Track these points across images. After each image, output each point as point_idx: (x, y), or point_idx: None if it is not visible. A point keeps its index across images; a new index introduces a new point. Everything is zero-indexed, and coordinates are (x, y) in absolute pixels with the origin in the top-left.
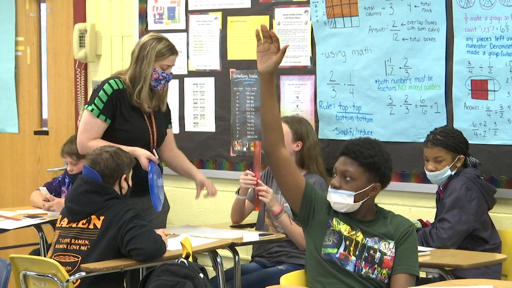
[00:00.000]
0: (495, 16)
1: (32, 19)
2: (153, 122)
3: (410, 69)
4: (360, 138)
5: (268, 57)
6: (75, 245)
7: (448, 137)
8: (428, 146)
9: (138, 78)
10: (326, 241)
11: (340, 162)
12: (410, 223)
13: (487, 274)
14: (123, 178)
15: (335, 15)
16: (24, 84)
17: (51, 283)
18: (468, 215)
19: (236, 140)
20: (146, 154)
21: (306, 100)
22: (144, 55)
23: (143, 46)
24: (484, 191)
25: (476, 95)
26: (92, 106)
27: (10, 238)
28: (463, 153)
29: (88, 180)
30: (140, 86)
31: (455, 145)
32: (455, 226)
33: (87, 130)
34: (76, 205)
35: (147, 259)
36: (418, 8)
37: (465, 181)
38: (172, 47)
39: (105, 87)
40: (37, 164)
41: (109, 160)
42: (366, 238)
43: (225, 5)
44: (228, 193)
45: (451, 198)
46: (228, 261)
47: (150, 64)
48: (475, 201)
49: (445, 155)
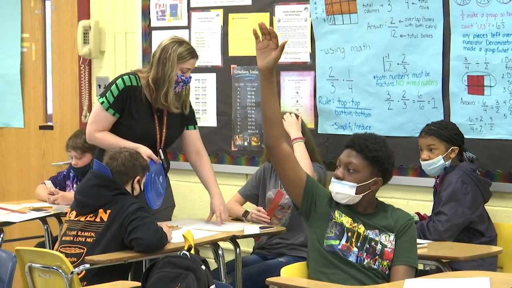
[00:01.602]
0: (491, 13)
1: (37, 16)
2: (163, 123)
3: (407, 65)
4: (366, 133)
5: (268, 53)
6: (81, 237)
7: (441, 128)
8: (422, 136)
9: (162, 80)
10: (328, 233)
11: (345, 154)
12: (410, 216)
13: (483, 266)
14: (136, 179)
15: (334, 12)
16: (29, 79)
17: (56, 275)
18: (464, 208)
19: (237, 135)
20: (148, 152)
21: (305, 95)
22: (166, 58)
23: (164, 48)
24: (480, 185)
25: (472, 90)
26: (103, 99)
27: (16, 231)
28: (457, 145)
29: (98, 174)
30: (166, 89)
31: (448, 136)
32: (452, 219)
33: (96, 121)
34: (85, 197)
35: (147, 249)
36: (415, 5)
37: (460, 175)
38: (193, 50)
39: (118, 81)
40: (42, 158)
41: (127, 159)
42: (368, 230)
43: (227, 2)
44: (229, 187)
45: (447, 192)
46: (229, 253)
47: (173, 67)
48: (470, 194)
49: (438, 144)
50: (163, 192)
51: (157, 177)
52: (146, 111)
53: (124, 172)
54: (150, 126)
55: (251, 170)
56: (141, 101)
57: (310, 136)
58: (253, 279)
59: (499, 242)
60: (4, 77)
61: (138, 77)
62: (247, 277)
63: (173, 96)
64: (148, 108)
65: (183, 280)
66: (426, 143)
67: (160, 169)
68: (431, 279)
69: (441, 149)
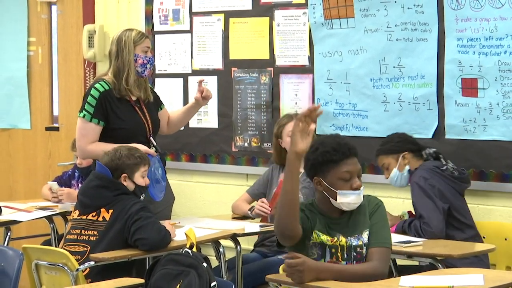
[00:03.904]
0: (484, 18)
1: (44, 21)
2: (145, 112)
3: (403, 68)
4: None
5: (304, 137)
6: (84, 235)
7: (382, 144)
8: (376, 158)
9: (122, 67)
10: (310, 255)
11: (352, 163)
12: (378, 200)
13: (476, 264)
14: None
15: (332, 17)
16: (36, 82)
17: (61, 272)
18: (435, 201)
19: (238, 136)
20: (143, 149)
21: (304, 97)
22: (123, 46)
23: (119, 39)
24: (445, 177)
25: (466, 93)
26: (83, 113)
27: (23, 229)
28: (405, 150)
29: (99, 175)
30: (126, 74)
31: (390, 148)
32: (431, 216)
33: (83, 135)
34: (87, 198)
35: (151, 248)
36: (411, 10)
37: (421, 174)
38: (143, 32)
39: (92, 92)
40: (48, 158)
41: (108, 161)
42: (349, 238)
43: (227, 7)
44: (230, 186)
45: (415, 193)
46: (230, 251)
47: (131, 51)
48: (436, 187)
49: (387, 160)
50: (164, 183)
51: (156, 170)
52: (127, 108)
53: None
54: (138, 119)
55: (251, 170)
56: (119, 101)
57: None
58: (253, 276)
59: (492, 241)
60: (12, 79)
61: (105, 81)
62: (247, 274)
63: (134, 80)
64: (127, 104)
65: (185, 277)
66: (380, 164)
67: (159, 161)
68: (426, 276)
69: (392, 162)
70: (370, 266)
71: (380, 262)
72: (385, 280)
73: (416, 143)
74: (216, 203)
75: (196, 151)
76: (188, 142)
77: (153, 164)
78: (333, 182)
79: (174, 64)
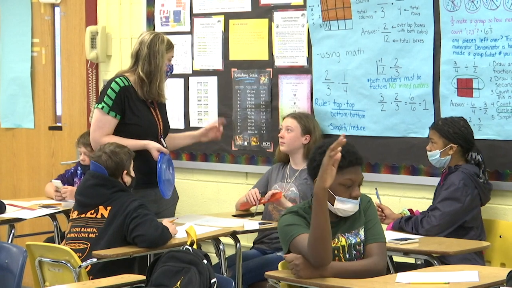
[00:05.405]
0: (479, 19)
1: (47, 22)
2: (158, 114)
3: (400, 69)
4: (324, 140)
5: (332, 171)
6: (84, 233)
7: (444, 124)
8: (430, 128)
9: (154, 72)
10: None
11: (356, 172)
12: (368, 197)
13: (469, 261)
14: (124, 173)
15: (330, 18)
16: (39, 82)
17: (64, 269)
18: (460, 209)
19: (238, 135)
20: (157, 146)
21: (302, 97)
22: (156, 51)
23: (151, 43)
24: (480, 189)
25: (461, 93)
26: (102, 104)
27: (26, 227)
28: (456, 143)
29: (95, 174)
30: (160, 79)
31: (447, 133)
32: (445, 215)
33: (100, 127)
34: (85, 197)
35: (150, 245)
36: (407, 12)
37: (463, 177)
38: (171, 42)
39: (112, 85)
40: (51, 157)
41: (108, 161)
42: (347, 235)
43: (227, 9)
44: (229, 185)
45: (448, 191)
46: (230, 248)
47: (164, 58)
48: (469, 197)
49: (437, 139)
50: (173, 181)
51: (167, 168)
52: (143, 107)
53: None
54: (151, 118)
55: (250, 169)
56: (136, 99)
57: (320, 137)
58: (253, 273)
59: (487, 238)
60: (16, 80)
61: (126, 77)
62: (247, 270)
63: (164, 86)
64: (143, 103)
65: (185, 274)
66: (430, 135)
67: (169, 160)
68: (422, 273)
69: (439, 144)
70: (371, 262)
71: (380, 257)
72: (382, 276)
73: (471, 142)
74: (216, 201)
75: (196, 150)
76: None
77: (166, 162)
78: (334, 187)
79: (175, 65)
